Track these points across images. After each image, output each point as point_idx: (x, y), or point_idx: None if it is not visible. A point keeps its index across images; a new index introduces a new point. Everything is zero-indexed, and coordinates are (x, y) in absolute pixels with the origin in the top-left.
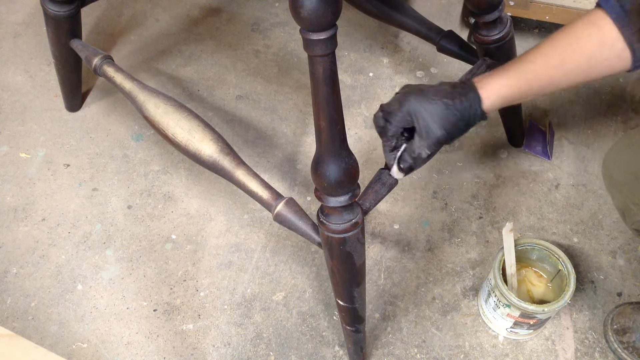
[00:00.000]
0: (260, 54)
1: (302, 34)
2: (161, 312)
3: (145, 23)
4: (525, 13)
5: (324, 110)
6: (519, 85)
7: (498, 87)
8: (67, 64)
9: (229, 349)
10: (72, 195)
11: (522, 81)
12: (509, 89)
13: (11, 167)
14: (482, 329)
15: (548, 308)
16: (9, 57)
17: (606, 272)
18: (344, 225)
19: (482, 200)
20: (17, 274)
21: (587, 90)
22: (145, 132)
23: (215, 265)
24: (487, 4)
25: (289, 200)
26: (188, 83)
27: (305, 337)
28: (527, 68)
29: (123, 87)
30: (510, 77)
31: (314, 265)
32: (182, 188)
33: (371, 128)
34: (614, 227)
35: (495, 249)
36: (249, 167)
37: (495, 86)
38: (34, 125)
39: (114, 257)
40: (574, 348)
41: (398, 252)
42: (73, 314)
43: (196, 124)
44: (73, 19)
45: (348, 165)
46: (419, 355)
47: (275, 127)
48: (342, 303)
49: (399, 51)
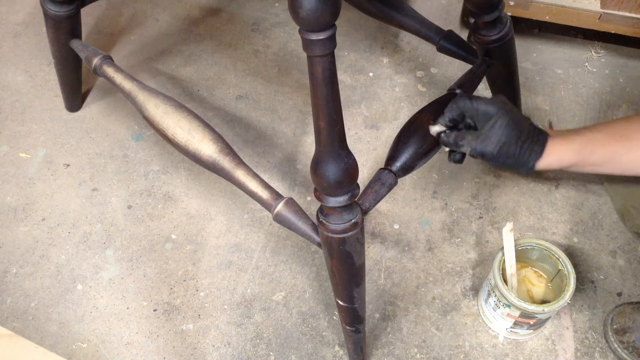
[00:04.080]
0: (260, 54)
1: (301, 34)
2: (161, 312)
3: (145, 23)
4: (525, 13)
5: (323, 111)
6: (581, 150)
7: (562, 153)
8: (67, 64)
9: (229, 348)
10: (72, 195)
11: (584, 147)
12: (571, 153)
13: (11, 167)
14: (482, 329)
15: (548, 308)
16: (9, 57)
17: (606, 272)
18: (344, 225)
19: (482, 200)
20: (17, 274)
21: (587, 91)
22: (145, 132)
23: (215, 265)
24: (487, 4)
25: (289, 200)
26: (188, 83)
27: (305, 337)
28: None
29: (123, 87)
30: (577, 142)
31: (314, 265)
32: (182, 188)
33: (371, 128)
34: (614, 227)
35: (495, 249)
36: (249, 167)
37: (559, 151)
38: (34, 125)
39: (114, 257)
40: (574, 348)
41: (398, 252)
42: (73, 314)
43: (196, 124)
44: (73, 19)
45: (347, 165)
46: (419, 355)
47: (275, 127)
48: (342, 303)
49: (399, 51)
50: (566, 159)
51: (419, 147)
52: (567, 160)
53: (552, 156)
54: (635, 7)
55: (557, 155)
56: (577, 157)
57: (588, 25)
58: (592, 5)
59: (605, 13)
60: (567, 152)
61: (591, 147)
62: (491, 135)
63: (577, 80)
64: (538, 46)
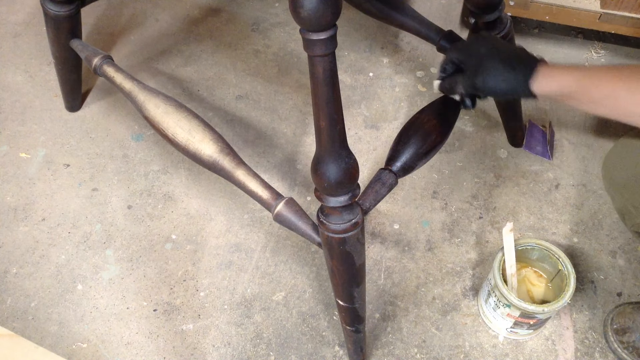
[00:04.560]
0: (260, 54)
1: (302, 34)
2: (161, 312)
3: (145, 23)
4: (525, 13)
5: (324, 111)
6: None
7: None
8: (67, 64)
9: (229, 348)
10: (72, 195)
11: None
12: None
13: (11, 167)
14: (482, 329)
15: (548, 308)
16: (9, 57)
17: (606, 272)
18: (344, 225)
19: (482, 200)
20: (17, 274)
21: None
22: (145, 132)
23: (215, 265)
24: (487, 4)
25: (289, 200)
26: (188, 83)
27: (305, 337)
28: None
29: (123, 87)
30: (577, 72)
31: (314, 265)
32: (182, 188)
33: (371, 128)
34: (614, 227)
35: (495, 249)
36: (249, 167)
37: (558, 76)
38: (34, 125)
39: (114, 257)
40: (574, 348)
41: (398, 252)
42: (73, 314)
43: (196, 124)
44: (73, 19)
45: (348, 165)
46: (419, 355)
47: (275, 127)
48: (342, 303)
49: (399, 51)
50: (566, 86)
51: (419, 147)
52: (567, 86)
53: (552, 79)
54: (635, 7)
55: (557, 81)
56: (577, 86)
57: (588, 25)
58: (592, 5)
59: (605, 13)
60: (568, 78)
61: (594, 79)
62: (477, 67)
63: None
64: (538, 46)
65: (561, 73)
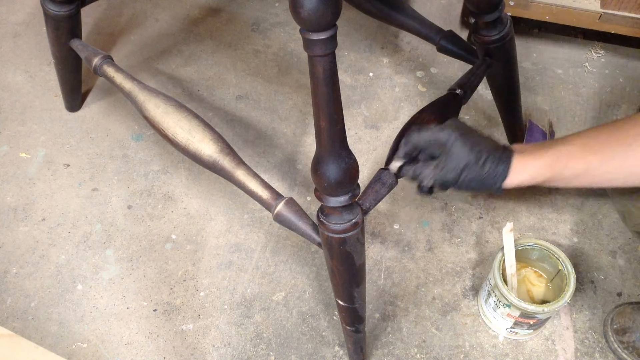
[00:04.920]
0: (260, 54)
1: (302, 34)
2: (161, 312)
3: (145, 23)
4: (525, 13)
5: (324, 110)
6: (553, 165)
7: (533, 169)
8: (67, 64)
9: (229, 348)
10: (72, 195)
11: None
12: (544, 168)
13: (11, 167)
14: (482, 329)
15: (548, 308)
16: (9, 57)
17: (606, 272)
18: (344, 225)
19: (482, 200)
20: (17, 274)
21: (587, 91)
22: (145, 132)
23: (215, 265)
24: (487, 4)
25: (289, 200)
26: (188, 83)
27: (305, 337)
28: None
29: (123, 87)
30: (547, 156)
31: (314, 265)
32: (182, 188)
33: (371, 128)
34: (614, 227)
35: (495, 249)
36: (249, 167)
37: (529, 167)
38: (34, 125)
39: (114, 257)
40: (574, 348)
41: (398, 252)
42: (73, 314)
43: (196, 124)
44: (73, 19)
45: (348, 165)
46: (419, 355)
47: (275, 127)
48: (342, 303)
49: (399, 51)
50: (539, 175)
51: None
52: (541, 176)
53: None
54: (635, 7)
55: (528, 172)
56: (551, 172)
57: (588, 25)
58: (592, 5)
59: (605, 13)
60: (539, 167)
61: (564, 160)
62: (448, 162)
63: (577, 80)
64: (538, 46)
65: (532, 161)
